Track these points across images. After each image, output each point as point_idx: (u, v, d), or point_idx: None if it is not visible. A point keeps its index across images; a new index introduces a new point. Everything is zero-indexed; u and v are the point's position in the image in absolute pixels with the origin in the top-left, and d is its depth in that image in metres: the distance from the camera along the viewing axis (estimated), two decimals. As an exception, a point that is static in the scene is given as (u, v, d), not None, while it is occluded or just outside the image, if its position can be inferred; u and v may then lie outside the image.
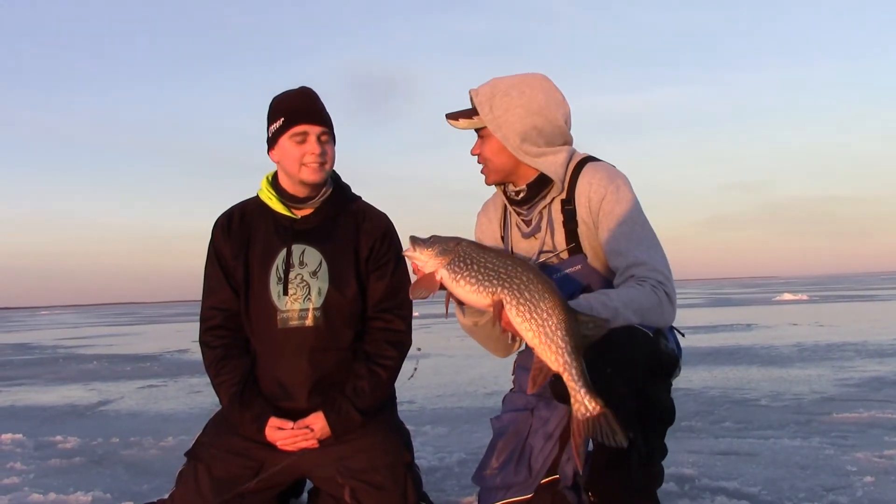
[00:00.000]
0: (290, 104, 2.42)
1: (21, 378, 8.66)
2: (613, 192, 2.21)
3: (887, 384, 5.49)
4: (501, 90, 2.26)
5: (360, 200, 2.57)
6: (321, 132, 2.40)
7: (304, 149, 2.37)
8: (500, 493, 2.28)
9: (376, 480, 2.29)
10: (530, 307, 1.79)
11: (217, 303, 2.47)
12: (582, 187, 2.26)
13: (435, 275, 1.90)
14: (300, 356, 2.36)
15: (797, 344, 8.77)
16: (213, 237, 2.52)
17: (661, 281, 2.08)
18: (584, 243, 2.27)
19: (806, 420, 4.23)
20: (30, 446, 4.27)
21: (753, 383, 5.77)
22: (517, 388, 2.48)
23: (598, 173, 2.25)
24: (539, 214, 2.32)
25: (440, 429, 4.38)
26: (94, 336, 19.31)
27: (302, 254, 2.42)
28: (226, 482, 2.30)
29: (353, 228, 2.47)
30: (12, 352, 14.02)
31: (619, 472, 2.10)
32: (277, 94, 2.47)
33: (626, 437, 1.74)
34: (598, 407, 1.74)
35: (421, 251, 1.92)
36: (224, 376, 2.40)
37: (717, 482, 2.93)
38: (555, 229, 2.30)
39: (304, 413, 2.34)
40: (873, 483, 2.85)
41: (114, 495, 3.08)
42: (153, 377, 8.18)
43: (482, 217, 2.53)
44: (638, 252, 2.14)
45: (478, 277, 1.85)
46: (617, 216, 2.19)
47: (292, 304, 2.39)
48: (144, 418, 5.34)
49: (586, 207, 2.24)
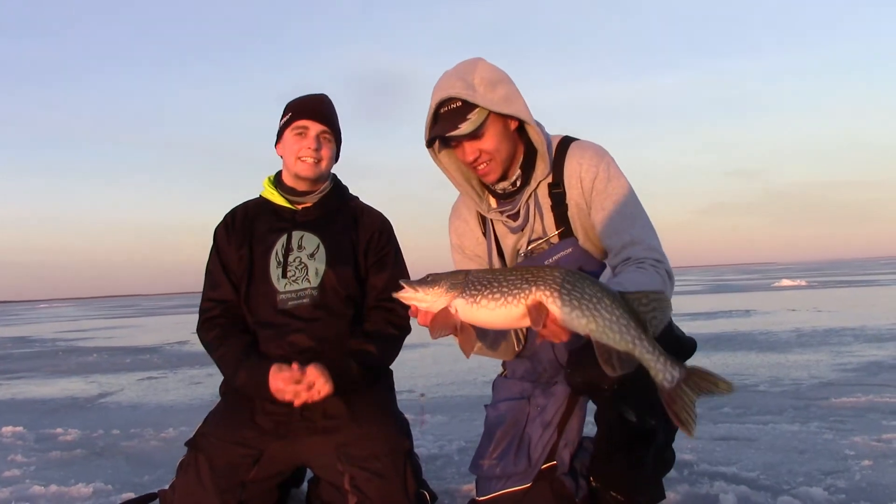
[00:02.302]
0: (300, 102, 2.54)
1: (21, 371, 8.67)
2: (605, 169, 2.18)
3: (885, 369, 5.51)
4: (479, 75, 2.14)
5: (357, 200, 2.65)
6: (322, 130, 2.49)
7: (302, 142, 2.46)
8: (500, 482, 2.28)
9: (376, 468, 2.30)
10: (577, 295, 1.69)
11: (216, 296, 2.51)
12: (571, 167, 2.20)
13: (449, 309, 1.79)
14: (299, 334, 2.39)
15: (795, 329, 8.79)
16: (217, 235, 2.58)
17: (658, 260, 2.06)
18: (574, 225, 2.22)
19: (804, 405, 4.25)
20: (31, 439, 4.28)
21: (752, 369, 5.79)
22: (510, 373, 2.47)
23: (587, 152, 2.21)
24: (526, 204, 2.25)
25: (440, 417, 4.39)
26: (94, 329, 19.32)
27: (301, 238, 2.49)
28: (226, 471, 2.32)
29: (352, 221, 2.54)
30: (12, 345, 14.04)
31: (622, 458, 2.11)
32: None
33: (728, 384, 1.63)
34: (683, 370, 1.64)
35: (425, 291, 1.81)
36: (224, 349, 2.43)
37: (715, 467, 2.95)
38: (543, 214, 2.25)
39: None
40: (871, 467, 2.87)
41: (115, 487, 3.09)
42: (153, 369, 8.19)
43: (456, 221, 2.43)
44: (633, 230, 2.11)
45: (502, 291, 1.75)
46: (610, 194, 2.16)
47: (291, 285, 2.43)
48: (145, 410, 5.35)
49: (578, 188, 2.19)
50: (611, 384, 1.94)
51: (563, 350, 2.25)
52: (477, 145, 2.15)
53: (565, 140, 2.27)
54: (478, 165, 2.18)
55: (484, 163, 2.17)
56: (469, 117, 2.11)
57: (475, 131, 2.12)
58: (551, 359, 2.33)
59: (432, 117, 2.15)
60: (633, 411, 2.00)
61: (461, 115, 2.11)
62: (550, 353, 2.32)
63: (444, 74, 2.17)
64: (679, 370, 1.65)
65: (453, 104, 2.12)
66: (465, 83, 2.11)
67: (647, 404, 1.94)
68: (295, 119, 2.49)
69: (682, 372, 1.64)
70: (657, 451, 2.14)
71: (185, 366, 8.34)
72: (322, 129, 2.49)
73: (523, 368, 2.41)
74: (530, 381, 2.37)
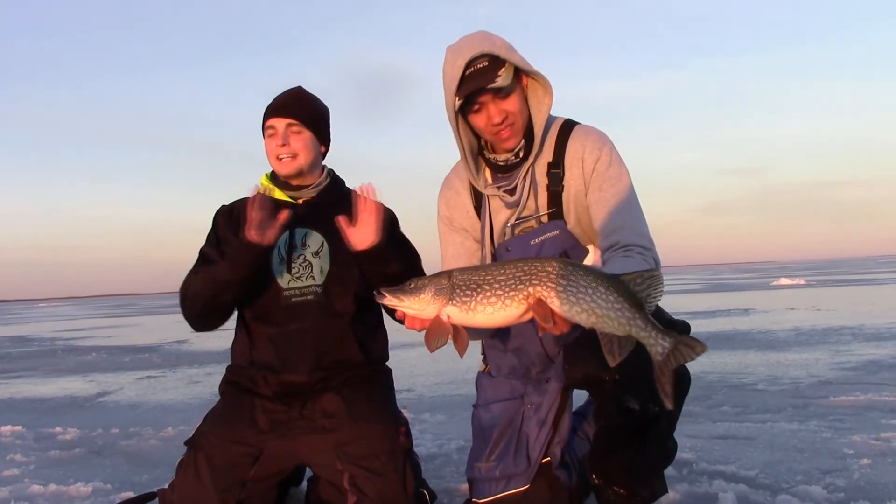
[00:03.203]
0: (271, 102, 2.48)
1: (20, 370, 8.67)
2: (608, 154, 2.22)
3: (884, 367, 5.51)
4: (498, 39, 2.16)
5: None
6: (287, 124, 2.43)
7: (272, 142, 2.43)
8: (501, 484, 2.26)
9: (376, 467, 2.30)
10: (573, 290, 1.69)
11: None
12: (574, 150, 2.23)
13: (441, 317, 1.77)
14: (303, 330, 2.39)
15: (794, 328, 8.79)
16: (217, 222, 2.55)
17: (646, 247, 2.10)
18: (566, 207, 2.24)
19: (803, 404, 4.25)
20: (29, 438, 4.28)
21: (751, 368, 5.79)
22: (494, 370, 2.40)
23: (591, 136, 2.24)
24: (523, 180, 2.26)
25: (439, 416, 4.39)
26: (93, 328, 19.31)
27: (304, 236, 2.47)
28: (226, 470, 2.31)
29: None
30: (11, 344, 14.02)
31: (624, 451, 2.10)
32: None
33: (703, 345, 1.65)
34: (672, 340, 1.66)
35: (411, 300, 1.76)
36: (204, 268, 2.42)
37: (714, 466, 2.95)
38: (538, 192, 2.26)
39: (304, 387, 2.37)
40: (870, 465, 2.87)
41: (114, 486, 3.08)
42: (152, 368, 8.18)
43: (448, 192, 2.42)
44: (625, 215, 2.15)
45: (497, 294, 1.73)
46: (608, 178, 2.20)
47: (295, 282, 2.43)
48: (144, 409, 5.35)
49: (579, 169, 2.22)
50: (612, 375, 1.95)
51: (551, 342, 2.23)
52: (503, 105, 2.15)
53: (569, 122, 2.30)
54: (503, 128, 2.18)
55: (509, 125, 2.17)
56: (500, 73, 2.11)
57: (508, 87, 2.13)
58: (539, 352, 2.28)
59: (459, 79, 2.13)
60: (635, 399, 1.99)
61: (492, 71, 2.11)
62: (538, 347, 2.28)
63: (462, 39, 2.17)
64: (668, 339, 1.67)
65: (480, 63, 2.12)
66: (490, 43, 2.13)
67: (649, 390, 1.95)
68: (265, 120, 2.47)
69: (671, 341, 1.66)
70: (660, 439, 2.14)
71: (185, 365, 8.33)
72: (288, 123, 2.43)
73: (508, 364, 2.35)
74: (518, 378, 2.34)
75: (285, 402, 2.39)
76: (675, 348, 1.66)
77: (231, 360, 2.56)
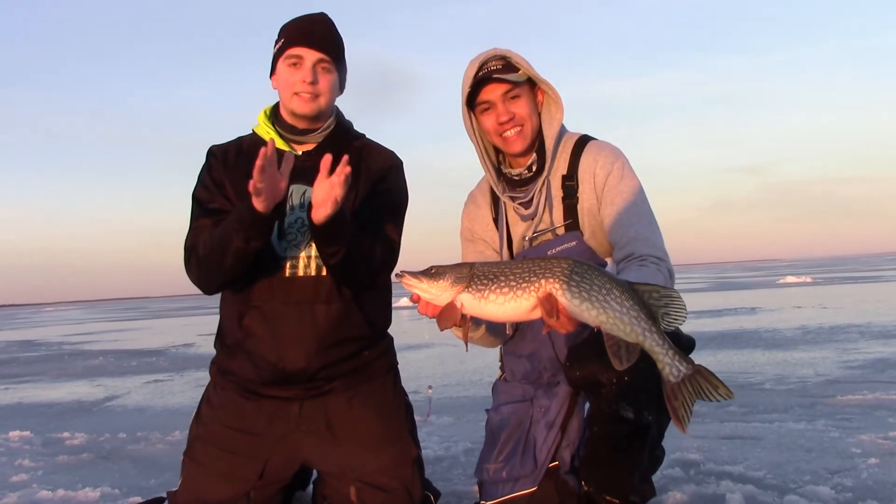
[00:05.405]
0: (293, 25, 2.23)
1: (27, 375, 8.69)
2: (619, 167, 2.28)
3: (891, 366, 5.49)
4: (512, 51, 2.30)
5: (364, 138, 2.41)
6: (318, 59, 2.19)
7: (296, 75, 2.18)
8: (508, 485, 2.27)
9: (382, 482, 2.25)
10: (586, 287, 1.69)
11: (210, 219, 2.20)
12: (587, 164, 2.30)
13: (454, 303, 1.78)
14: (300, 307, 2.21)
15: (801, 327, 8.77)
16: (210, 165, 2.30)
17: (660, 258, 2.15)
18: (581, 219, 2.30)
19: (810, 403, 4.24)
20: (37, 443, 4.29)
21: (758, 367, 5.78)
22: (509, 375, 2.46)
23: (604, 150, 2.32)
24: (539, 192, 2.33)
25: (446, 418, 4.39)
26: (100, 332, 19.38)
27: (303, 195, 2.23)
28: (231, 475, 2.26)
29: (355, 167, 2.21)
30: (18, 349, 14.07)
31: (617, 459, 2.10)
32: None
33: (729, 391, 1.65)
34: (690, 366, 1.65)
35: (430, 284, 1.78)
36: (213, 229, 2.14)
37: (722, 466, 2.94)
38: (553, 205, 2.32)
39: (301, 373, 2.23)
40: (878, 465, 2.86)
41: (122, 490, 3.10)
42: (159, 372, 8.21)
43: (470, 205, 2.53)
44: (640, 226, 2.20)
45: (510, 285, 1.75)
46: (621, 191, 2.25)
47: (292, 250, 2.22)
48: (151, 413, 5.36)
49: (591, 183, 2.28)
50: (610, 379, 1.96)
51: (563, 348, 2.26)
52: (511, 107, 2.26)
53: (583, 138, 2.38)
54: (507, 130, 2.27)
55: (515, 127, 2.27)
56: (512, 74, 2.24)
57: (518, 88, 2.25)
58: (552, 357, 2.32)
59: (473, 77, 2.25)
60: (630, 408, 2.00)
61: (505, 70, 2.24)
62: (551, 351, 2.31)
63: (479, 54, 2.29)
64: (686, 366, 1.66)
65: (494, 64, 2.26)
66: (507, 51, 2.28)
67: (645, 399, 1.95)
68: (288, 46, 2.18)
69: (689, 368, 1.66)
70: (651, 447, 2.15)
71: (192, 368, 8.35)
72: (319, 58, 2.18)
73: (523, 370, 2.40)
74: (531, 383, 2.37)
75: (283, 398, 2.26)
76: (693, 377, 1.65)
77: (218, 339, 2.36)
